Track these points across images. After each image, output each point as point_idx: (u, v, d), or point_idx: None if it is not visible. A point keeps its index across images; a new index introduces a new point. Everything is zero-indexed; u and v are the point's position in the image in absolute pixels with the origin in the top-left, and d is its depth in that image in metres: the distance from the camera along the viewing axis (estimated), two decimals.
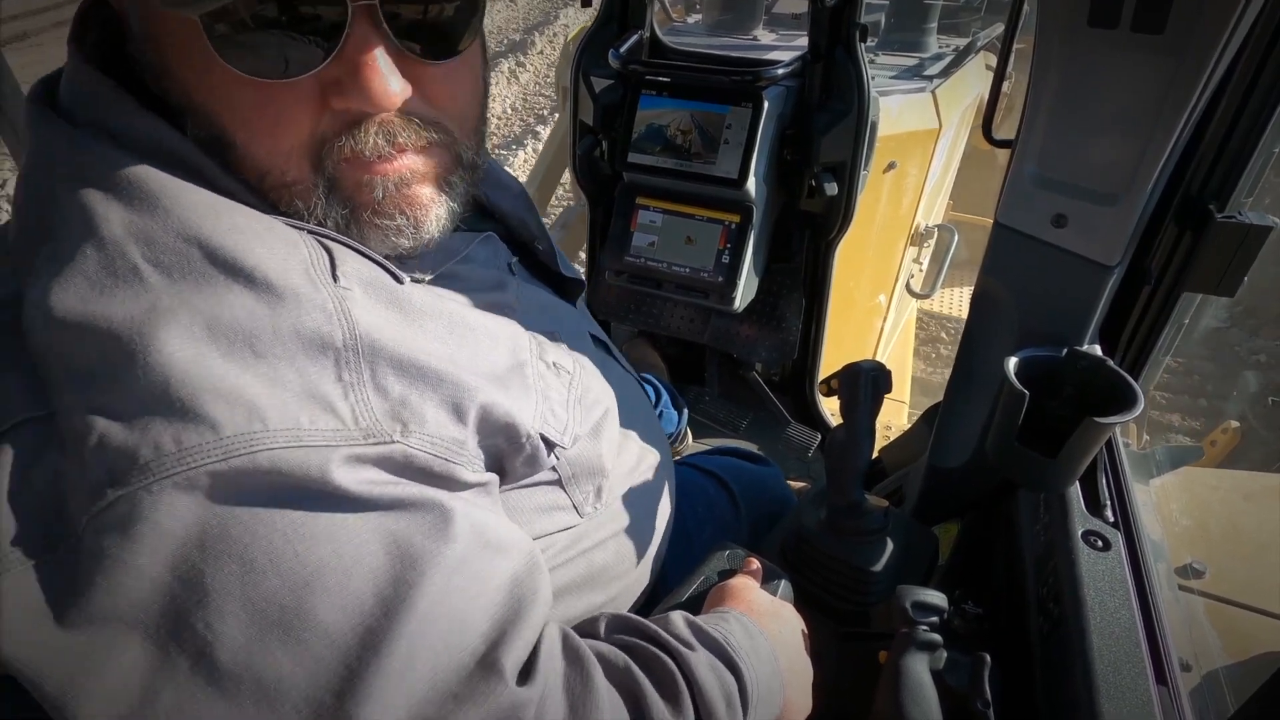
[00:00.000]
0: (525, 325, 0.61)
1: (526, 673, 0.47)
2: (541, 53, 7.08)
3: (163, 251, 0.41)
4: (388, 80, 0.46)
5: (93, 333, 0.39)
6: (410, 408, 0.45)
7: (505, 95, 6.34)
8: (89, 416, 0.38)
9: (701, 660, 0.55)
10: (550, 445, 0.57)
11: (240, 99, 0.46)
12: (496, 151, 5.81)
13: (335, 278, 0.46)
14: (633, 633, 0.57)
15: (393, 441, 0.43)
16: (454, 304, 0.55)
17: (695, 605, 0.74)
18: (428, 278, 0.56)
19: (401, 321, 0.48)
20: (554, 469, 0.59)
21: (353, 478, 0.42)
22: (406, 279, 0.53)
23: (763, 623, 0.66)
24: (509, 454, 0.54)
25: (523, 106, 6.20)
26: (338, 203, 0.50)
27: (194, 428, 0.38)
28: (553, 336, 0.65)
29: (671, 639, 0.55)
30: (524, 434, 0.53)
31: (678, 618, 0.60)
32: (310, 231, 0.49)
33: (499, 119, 6.03)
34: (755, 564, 0.77)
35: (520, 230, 0.75)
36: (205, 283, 0.41)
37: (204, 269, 0.42)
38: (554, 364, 0.62)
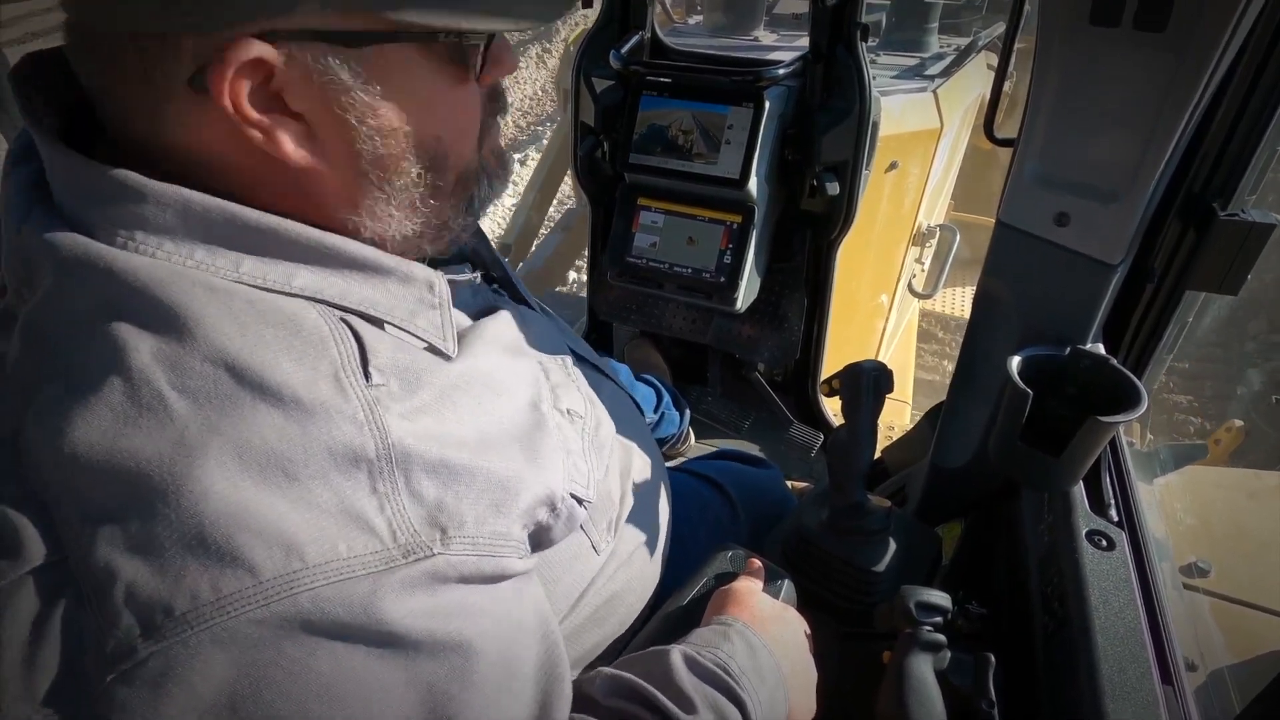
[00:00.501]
0: (533, 358, 0.60)
1: None
2: (565, 40, 7.28)
3: (190, 377, 0.39)
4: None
5: (117, 471, 0.37)
6: (447, 511, 0.44)
7: (535, 78, 6.67)
8: (114, 562, 0.35)
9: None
10: (580, 501, 0.56)
11: (451, 101, 0.49)
12: (532, 128, 5.99)
13: (368, 375, 0.44)
14: (631, 699, 0.55)
15: (434, 554, 0.42)
16: (484, 361, 0.54)
17: (697, 608, 0.73)
18: (453, 354, 0.53)
19: (436, 410, 0.47)
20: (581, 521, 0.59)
21: (397, 610, 0.40)
22: (451, 353, 0.51)
23: (765, 630, 0.66)
24: (549, 525, 0.53)
25: (553, 88, 6.46)
26: (488, 182, 0.54)
27: (232, 573, 0.36)
28: (549, 372, 0.63)
29: (670, 704, 0.54)
30: (559, 499, 0.53)
31: (677, 658, 0.58)
32: (342, 319, 0.46)
33: (530, 99, 6.31)
34: (757, 564, 0.77)
35: (475, 260, 0.70)
36: (232, 406, 0.39)
37: (231, 391, 0.39)
38: (568, 411, 0.60)
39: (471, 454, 0.46)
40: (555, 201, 3.17)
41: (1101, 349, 0.87)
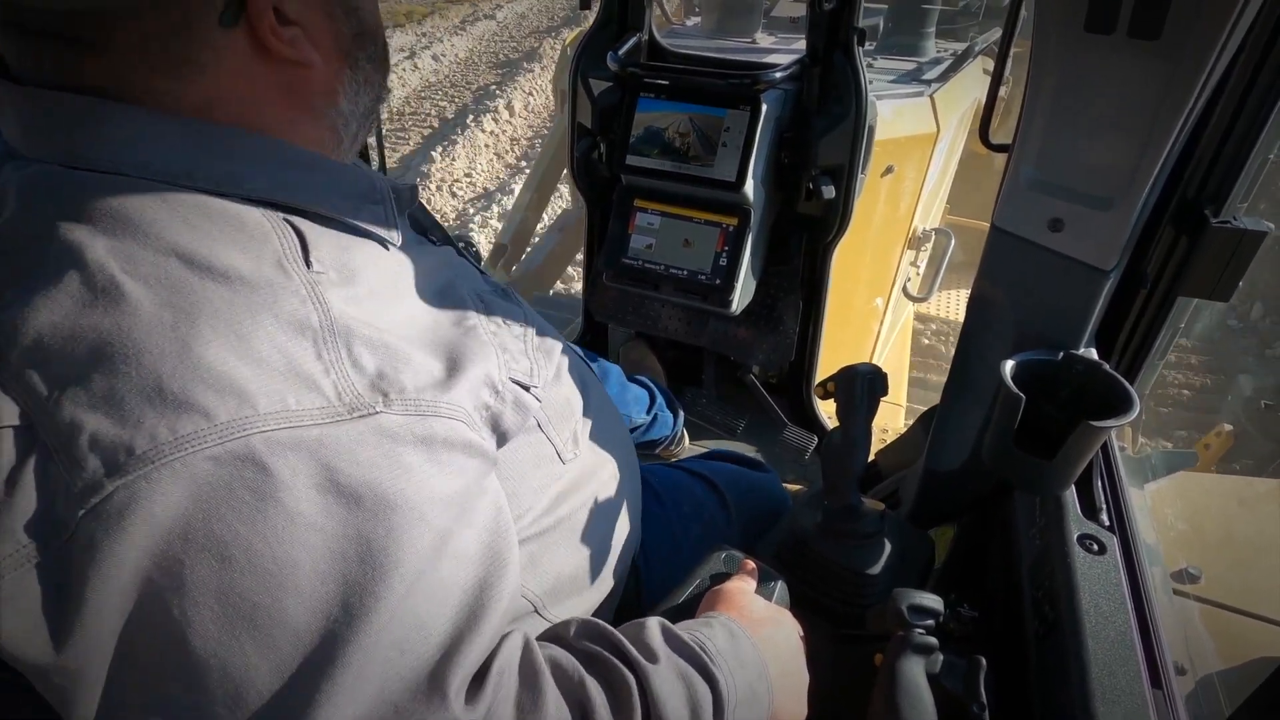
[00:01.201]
0: (465, 285, 0.64)
1: (476, 688, 0.47)
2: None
3: (142, 265, 0.43)
4: None
5: (79, 343, 0.40)
6: (388, 379, 0.47)
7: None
8: (79, 417, 0.39)
9: (663, 672, 0.55)
10: (525, 389, 0.59)
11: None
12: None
13: (309, 263, 0.48)
14: (599, 641, 0.57)
15: (376, 412, 0.45)
16: (419, 265, 0.59)
17: (690, 608, 0.73)
18: (398, 242, 0.59)
19: (370, 301, 0.50)
20: (536, 414, 0.62)
21: (341, 459, 0.43)
22: (395, 241, 0.57)
23: (756, 629, 0.66)
24: (498, 410, 0.56)
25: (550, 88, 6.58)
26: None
27: (188, 417, 0.39)
28: (484, 296, 0.65)
29: (634, 651, 0.55)
30: (498, 381, 0.56)
31: (653, 625, 0.60)
32: (285, 219, 0.50)
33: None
34: (751, 565, 0.77)
35: (415, 222, 0.75)
36: (183, 285, 0.43)
37: (181, 274, 0.43)
38: (503, 321, 0.64)
39: (409, 331, 0.51)
40: (551, 202, 3.17)
41: (1094, 354, 0.87)
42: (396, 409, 0.46)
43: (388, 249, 0.57)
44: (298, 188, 0.52)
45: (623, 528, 0.80)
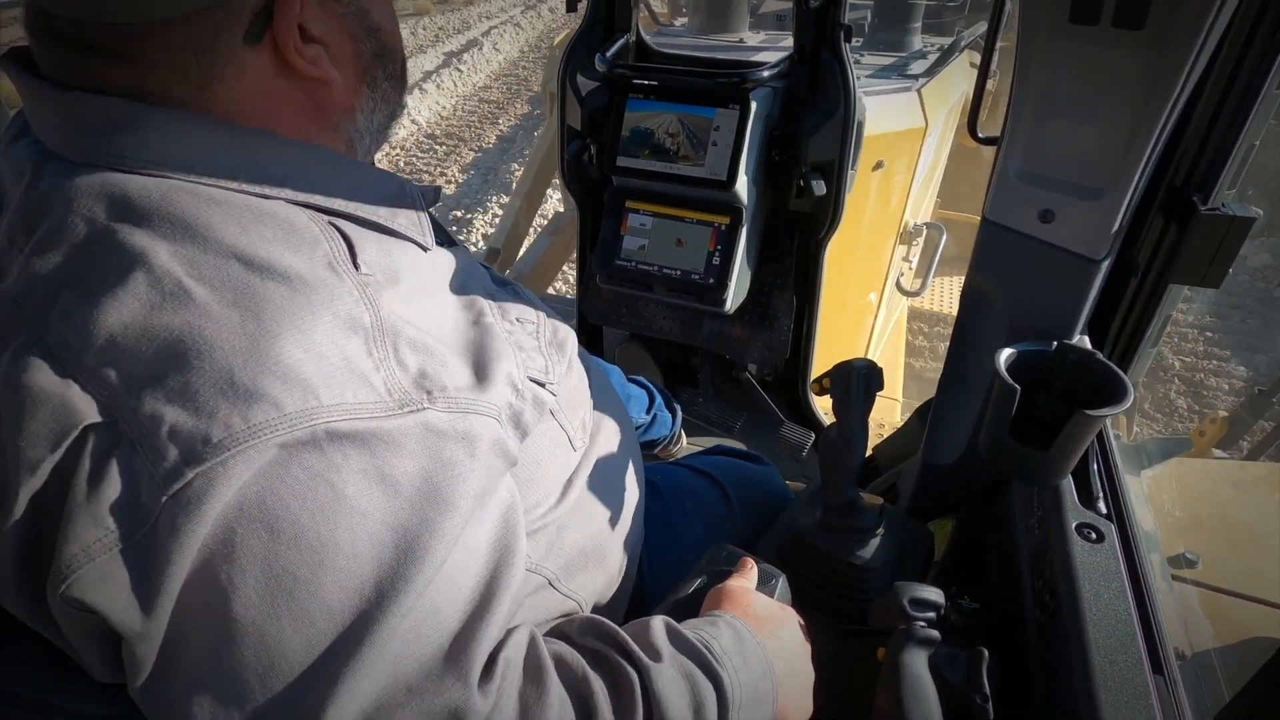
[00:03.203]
0: (478, 286, 0.65)
1: (485, 677, 0.49)
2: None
3: (205, 269, 0.45)
4: None
5: (151, 343, 0.43)
6: (430, 378, 0.49)
7: None
8: (158, 410, 0.41)
9: (666, 672, 0.55)
10: (543, 385, 0.62)
11: (390, 3, 0.58)
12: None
13: (356, 266, 0.50)
14: (603, 638, 0.58)
15: (423, 408, 0.48)
16: (436, 270, 0.61)
17: (692, 604, 0.73)
18: (432, 246, 0.61)
19: (412, 301, 0.53)
20: (550, 406, 0.64)
21: (392, 452, 0.46)
22: (429, 245, 0.59)
23: (761, 627, 0.66)
24: (519, 408, 0.58)
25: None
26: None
27: (259, 407, 0.42)
28: (495, 295, 0.67)
29: (638, 650, 0.56)
30: (518, 380, 0.58)
31: (658, 624, 0.60)
32: (330, 223, 0.52)
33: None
34: (750, 562, 0.77)
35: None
36: (245, 286, 0.45)
37: (242, 275, 0.45)
38: (517, 319, 0.66)
39: (439, 342, 0.53)
40: (542, 205, 3.17)
41: (1087, 343, 0.88)
42: (441, 406, 0.49)
43: (424, 252, 0.59)
44: (336, 192, 0.54)
45: (630, 502, 0.83)
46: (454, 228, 4.62)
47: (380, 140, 0.63)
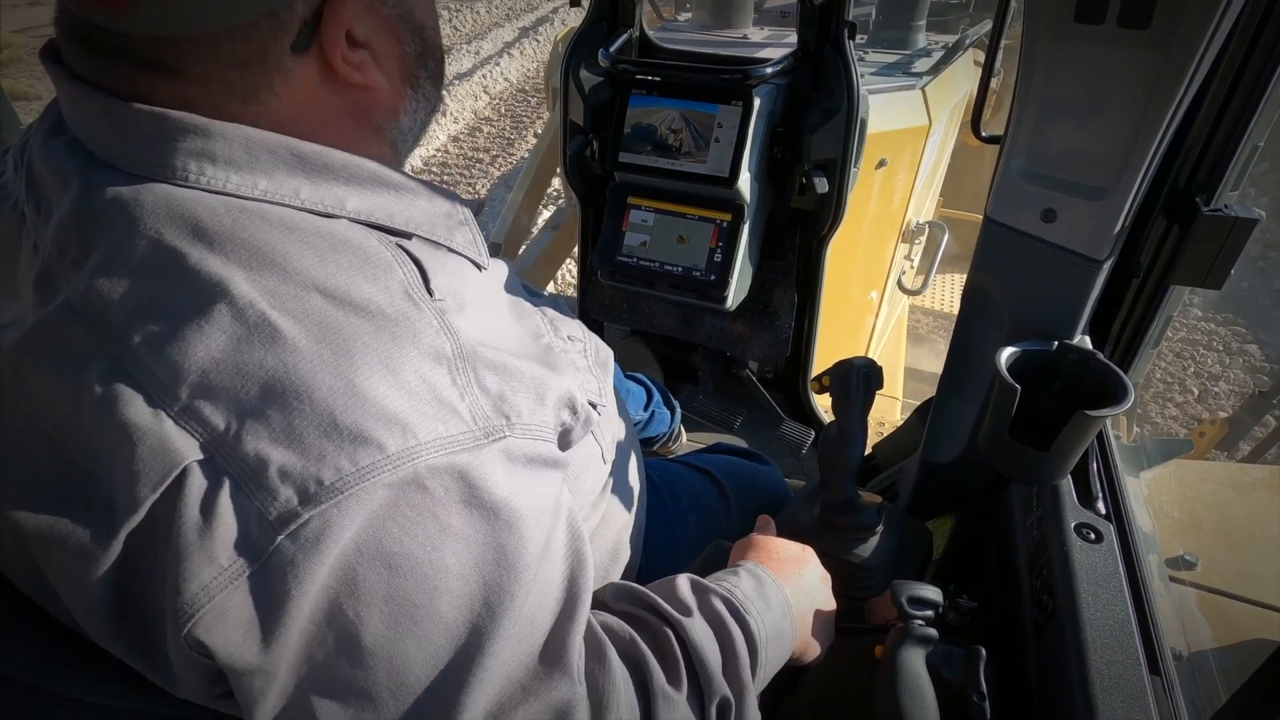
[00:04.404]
0: (525, 301, 0.67)
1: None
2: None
3: (287, 300, 0.45)
4: None
5: (246, 379, 0.43)
6: (508, 402, 0.50)
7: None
8: (263, 451, 0.42)
9: (697, 624, 0.60)
10: (595, 406, 0.64)
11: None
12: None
13: (430, 292, 0.51)
14: (636, 603, 0.63)
15: (505, 437, 0.49)
16: (494, 287, 0.62)
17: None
18: (488, 264, 0.61)
19: (482, 321, 0.54)
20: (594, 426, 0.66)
21: (485, 481, 0.47)
22: (486, 264, 0.60)
23: (781, 569, 0.72)
24: (570, 426, 0.59)
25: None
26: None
27: (364, 449, 0.43)
28: (544, 309, 0.69)
29: (669, 607, 0.61)
30: (579, 404, 0.59)
31: (683, 580, 0.65)
32: (398, 244, 0.52)
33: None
34: (769, 519, 0.84)
35: None
36: (329, 320, 0.45)
37: (325, 309, 0.46)
38: (569, 337, 0.68)
39: (514, 356, 0.54)
40: (544, 200, 3.16)
41: (1088, 343, 0.88)
42: (518, 433, 0.50)
43: (480, 270, 0.59)
44: (395, 211, 0.54)
45: (638, 503, 0.86)
46: None
47: (419, 138, 0.63)
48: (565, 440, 0.60)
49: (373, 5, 0.52)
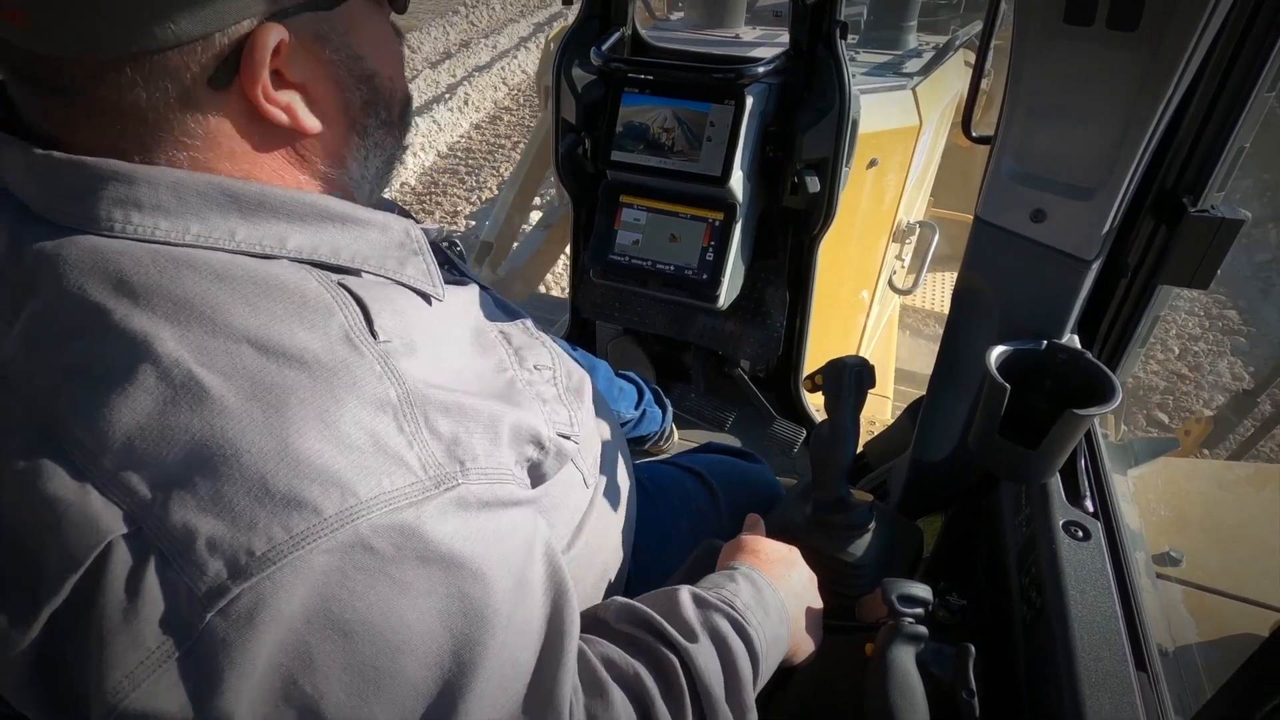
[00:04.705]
0: (492, 327, 0.64)
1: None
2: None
3: (215, 356, 0.42)
4: None
5: (172, 446, 0.40)
6: (462, 445, 0.48)
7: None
8: (190, 521, 0.39)
9: (703, 650, 0.59)
10: (567, 438, 0.61)
11: (387, 35, 0.55)
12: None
13: (374, 334, 0.48)
14: (639, 625, 0.61)
15: (458, 484, 0.46)
16: (451, 318, 0.58)
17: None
18: (443, 297, 0.58)
19: (433, 361, 0.51)
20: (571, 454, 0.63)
21: (438, 534, 0.44)
22: (441, 296, 0.57)
23: (773, 571, 0.72)
24: (539, 461, 0.57)
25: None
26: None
27: (299, 514, 0.40)
28: (510, 337, 0.66)
29: (674, 632, 0.59)
30: (546, 439, 0.57)
31: (685, 598, 0.63)
32: (340, 283, 0.49)
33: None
34: (758, 518, 0.83)
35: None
36: (261, 375, 0.43)
37: (256, 363, 0.43)
38: (535, 367, 0.64)
39: (468, 395, 0.51)
40: (536, 199, 3.15)
41: (1077, 342, 0.88)
42: (474, 478, 0.47)
43: (430, 304, 0.56)
44: (341, 246, 0.51)
45: (626, 513, 0.84)
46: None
47: (382, 184, 0.60)
48: (538, 474, 0.57)
49: (310, 48, 0.49)
